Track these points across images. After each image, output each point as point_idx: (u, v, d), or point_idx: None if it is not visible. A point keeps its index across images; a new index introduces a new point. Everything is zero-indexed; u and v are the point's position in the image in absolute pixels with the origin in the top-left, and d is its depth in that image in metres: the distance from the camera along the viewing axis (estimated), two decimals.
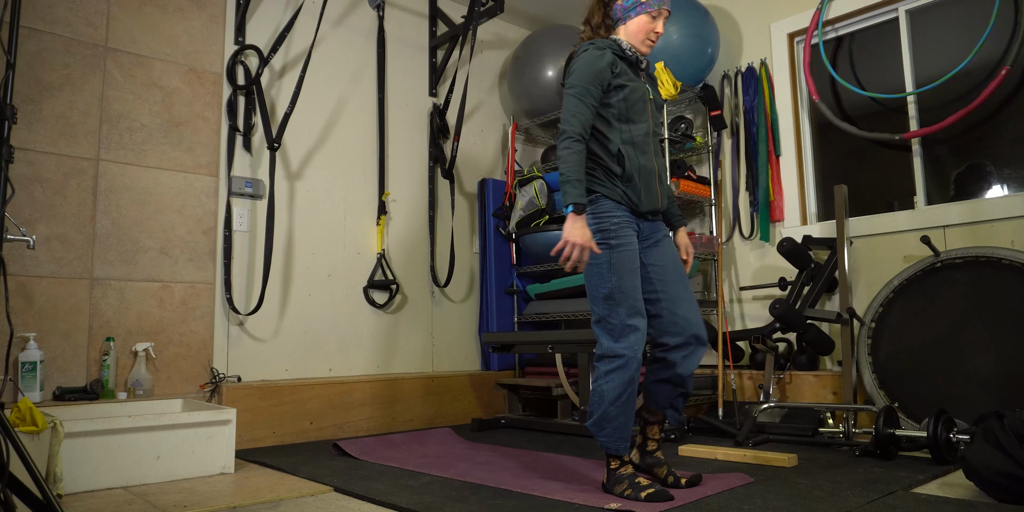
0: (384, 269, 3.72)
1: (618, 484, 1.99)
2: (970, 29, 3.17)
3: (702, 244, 3.59)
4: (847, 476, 2.23)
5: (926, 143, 3.27)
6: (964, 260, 2.89)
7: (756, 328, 3.29)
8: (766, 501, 1.91)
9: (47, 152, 2.78)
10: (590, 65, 2.03)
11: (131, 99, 3.01)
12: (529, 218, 3.98)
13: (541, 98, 4.14)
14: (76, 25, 2.90)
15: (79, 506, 2.02)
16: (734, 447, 2.74)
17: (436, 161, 4.02)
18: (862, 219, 3.29)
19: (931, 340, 2.92)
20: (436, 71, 4.10)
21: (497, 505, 1.92)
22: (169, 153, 3.09)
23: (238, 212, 3.25)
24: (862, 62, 3.53)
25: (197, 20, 3.24)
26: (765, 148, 3.62)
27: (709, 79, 3.90)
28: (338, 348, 3.53)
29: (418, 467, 2.48)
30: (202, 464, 2.43)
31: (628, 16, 2.09)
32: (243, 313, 3.20)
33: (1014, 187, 3.04)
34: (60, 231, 2.79)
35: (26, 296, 2.69)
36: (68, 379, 2.75)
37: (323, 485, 2.24)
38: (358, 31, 3.82)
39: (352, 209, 3.67)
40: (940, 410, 2.44)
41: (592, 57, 2.04)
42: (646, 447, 2.18)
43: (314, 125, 3.58)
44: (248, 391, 3.05)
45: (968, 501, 1.89)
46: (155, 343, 2.96)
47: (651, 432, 2.18)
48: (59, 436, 2.12)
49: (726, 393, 3.39)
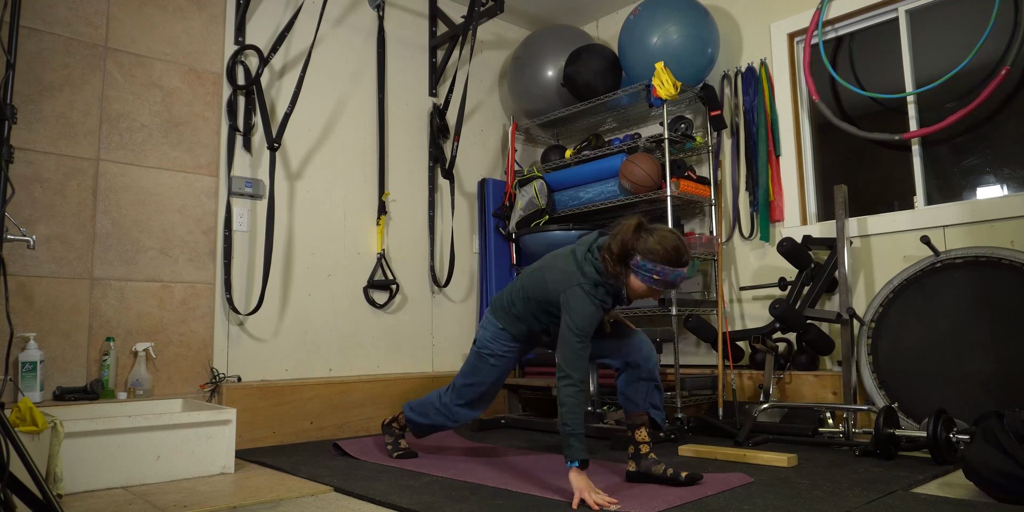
0: (384, 269, 3.72)
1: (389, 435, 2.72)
2: (970, 29, 3.17)
3: (702, 244, 3.60)
4: (847, 476, 2.23)
5: (926, 143, 3.27)
6: (964, 260, 2.89)
7: (756, 328, 3.29)
8: (766, 501, 1.92)
9: (47, 152, 2.78)
10: (591, 314, 2.08)
11: (131, 99, 3.01)
12: (529, 218, 3.98)
13: (541, 98, 4.14)
14: (76, 25, 2.90)
15: (79, 506, 2.02)
16: (734, 447, 2.74)
17: (436, 161, 4.02)
18: (862, 219, 3.29)
19: (931, 340, 2.92)
20: (436, 71, 4.10)
21: (497, 505, 1.92)
22: (169, 153, 3.09)
23: (238, 212, 3.25)
24: (862, 62, 3.53)
25: (197, 20, 3.24)
26: (765, 148, 3.62)
27: (709, 79, 3.90)
28: (338, 348, 3.53)
29: (418, 467, 2.48)
30: (202, 464, 2.43)
31: (636, 274, 2.06)
32: (243, 313, 3.20)
33: (1014, 187, 3.04)
34: (60, 231, 2.79)
35: (26, 296, 2.69)
36: (68, 379, 2.75)
37: (323, 485, 2.24)
38: (358, 31, 3.82)
39: (352, 209, 3.67)
40: (940, 410, 2.44)
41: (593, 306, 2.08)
42: (639, 453, 2.22)
43: (314, 125, 3.58)
44: (248, 391, 3.05)
45: (968, 501, 1.89)
46: (155, 343, 2.96)
47: (639, 436, 2.23)
48: (59, 436, 2.12)
49: (726, 393, 3.39)
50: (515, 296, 2.34)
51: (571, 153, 4.13)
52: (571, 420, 1.98)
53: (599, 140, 4.09)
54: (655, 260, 2.00)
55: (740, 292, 3.70)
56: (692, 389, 3.38)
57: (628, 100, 4.02)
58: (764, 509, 1.83)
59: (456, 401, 2.53)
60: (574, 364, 2.03)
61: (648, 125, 4.25)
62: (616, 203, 3.75)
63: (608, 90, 3.88)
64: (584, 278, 2.09)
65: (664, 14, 3.59)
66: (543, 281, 2.21)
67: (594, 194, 3.84)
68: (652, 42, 3.58)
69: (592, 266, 2.10)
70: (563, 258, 2.19)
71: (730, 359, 3.40)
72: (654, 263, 2.00)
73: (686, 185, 3.55)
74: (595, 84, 3.85)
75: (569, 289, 2.10)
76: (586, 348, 2.06)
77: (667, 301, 3.41)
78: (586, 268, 2.10)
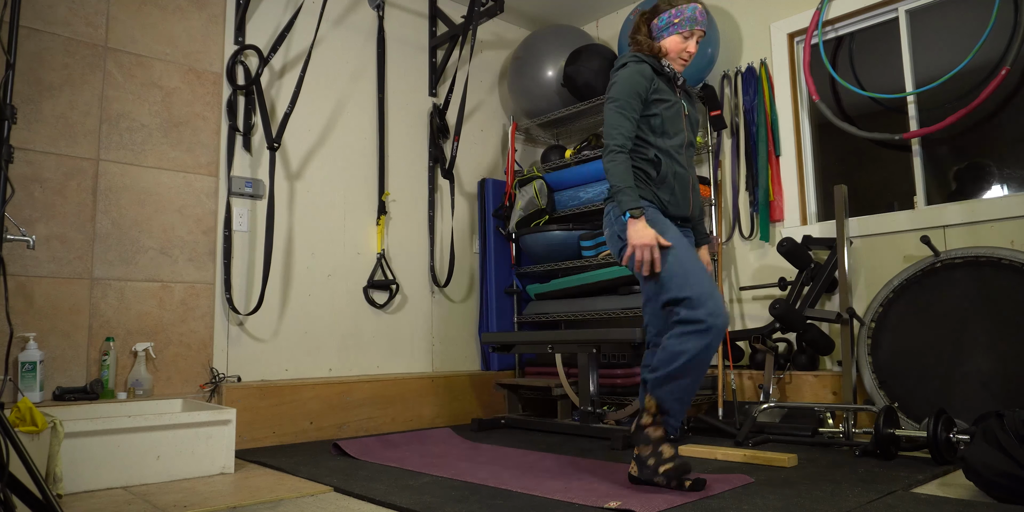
0: (384, 269, 3.72)
1: (644, 444, 2.06)
2: (970, 29, 3.17)
3: None
4: (847, 476, 2.23)
5: (926, 143, 3.27)
6: (964, 260, 2.89)
7: (756, 328, 3.29)
8: (766, 501, 1.92)
9: (47, 152, 2.78)
10: (629, 80, 2.17)
11: (131, 99, 3.01)
12: (529, 218, 3.98)
13: (541, 98, 4.14)
14: (76, 25, 2.90)
15: (79, 506, 2.02)
16: (734, 447, 2.74)
17: (436, 161, 4.02)
18: (862, 219, 3.29)
19: (931, 340, 2.92)
20: (436, 71, 4.10)
21: (497, 505, 1.92)
22: (169, 153, 3.09)
23: (238, 212, 3.25)
24: (862, 62, 3.53)
25: (197, 20, 3.24)
26: (765, 148, 3.62)
27: (709, 79, 3.90)
28: (338, 348, 3.53)
29: (418, 467, 2.48)
30: (202, 464, 2.43)
31: (663, 35, 2.22)
32: (243, 313, 3.20)
33: (1014, 187, 3.04)
34: (60, 231, 2.79)
35: (26, 296, 2.69)
36: (68, 379, 2.75)
37: (323, 485, 2.24)
38: (358, 31, 3.82)
39: (352, 209, 3.67)
40: (940, 410, 2.44)
41: (631, 72, 2.18)
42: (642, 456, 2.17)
43: (314, 125, 3.58)
44: (248, 391, 3.05)
45: (968, 501, 1.89)
46: (155, 343, 2.96)
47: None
48: (59, 436, 2.12)
49: (726, 393, 3.39)
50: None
51: (571, 153, 4.13)
52: (617, 180, 2.08)
53: (599, 140, 4.09)
54: (666, 10, 2.19)
55: (740, 292, 3.71)
56: None
57: None
58: (764, 509, 1.83)
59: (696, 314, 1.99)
60: (613, 133, 2.12)
61: None
62: None
63: None
64: (631, 57, 2.21)
65: None
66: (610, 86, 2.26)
67: (594, 194, 3.84)
68: None
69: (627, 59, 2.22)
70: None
71: (730, 359, 3.40)
72: (667, 13, 2.19)
73: None
74: (595, 84, 3.85)
75: (619, 69, 2.21)
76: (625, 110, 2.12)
77: None
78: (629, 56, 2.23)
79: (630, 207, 2.03)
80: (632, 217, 2.03)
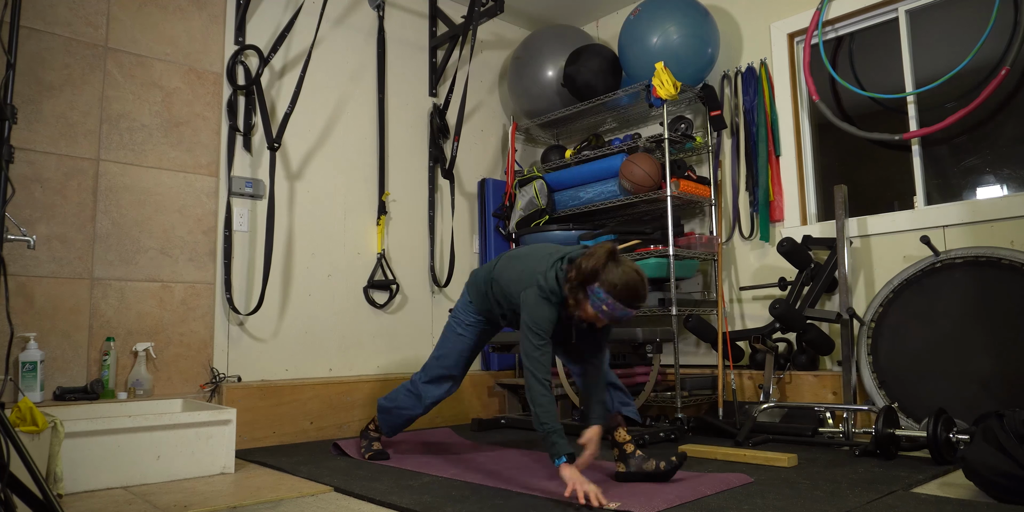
0: (384, 269, 3.72)
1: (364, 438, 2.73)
2: (970, 29, 3.17)
3: (702, 244, 3.60)
4: (847, 476, 2.23)
5: (926, 143, 3.28)
6: (964, 260, 2.89)
7: (756, 328, 3.29)
8: (766, 501, 1.92)
9: (47, 152, 2.78)
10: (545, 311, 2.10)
11: (131, 99, 3.01)
12: (529, 218, 3.98)
13: (541, 98, 4.14)
14: (76, 25, 2.90)
15: (79, 506, 2.02)
16: (734, 447, 2.74)
17: (436, 161, 4.02)
18: (862, 219, 3.29)
19: (931, 340, 2.92)
20: (436, 71, 4.10)
21: (497, 505, 1.92)
22: (169, 153, 3.09)
23: (238, 212, 3.25)
24: (862, 62, 3.53)
25: (197, 20, 3.24)
26: (765, 148, 3.62)
27: (709, 79, 3.90)
28: (338, 348, 3.53)
29: (418, 467, 2.48)
30: (202, 464, 2.43)
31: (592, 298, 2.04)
32: (243, 313, 3.20)
33: (1014, 187, 3.04)
34: (60, 231, 2.79)
35: (26, 296, 2.69)
36: (68, 379, 2.75)
37: (323, 485, 2.24)
38: (358, 31, 3.82)
39: (352, 209, 3.67)
40: (940, 410, 2.44)
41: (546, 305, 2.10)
42: (625, 453, 2.24)
43: (314, 125, 3.58)
44: (248, 391, 3.05)
45: (968, 501, 1.89)
46: (155, 343, 2.96)
47: (619, 437, 2.26)
48: (59, 436, 2.12)
49: (726, 393, 3.40)
50: (488, 275, 2.38)
51: (571, 153, 4.13)
52: (547, 418, 2.01)
53: (599, 140, 4.09)
54: (610, 293, 1.99)
55: (740, 292, 3.71)
56: (692, 389, 3.38)
57: (628, 100, 4.02)
58: (764, 509, 1.83)
59: (423, 378, 2.56)
60: (536, 363, 2.05)
61: (648, 125, 4.25)
62: (616, 203, 3.75)
63: (608, 90, 3.88)
64: (544, 282, 2.11)
65: (664, 14, 3.59)
66: (510, 271, 2.26)
67: (594, 194, 3.84)
68: (652, 42, 3.58)
69: (556, 275, 2.11)
70: (542, 256, 2.20)
71: (730, 359, 3.40)
72: (607, 295, 2.00)
73: (686, 185, 3.55)
74: (595, 84, 3.85)
75: (528, 288, 2.14)
76: (546, 346, 2.08)
77: (667, 301, 3.41)
78: (550, 274, 2.12)
79: (565, 453, 1.96)
80: (567, 462, 1.95)
